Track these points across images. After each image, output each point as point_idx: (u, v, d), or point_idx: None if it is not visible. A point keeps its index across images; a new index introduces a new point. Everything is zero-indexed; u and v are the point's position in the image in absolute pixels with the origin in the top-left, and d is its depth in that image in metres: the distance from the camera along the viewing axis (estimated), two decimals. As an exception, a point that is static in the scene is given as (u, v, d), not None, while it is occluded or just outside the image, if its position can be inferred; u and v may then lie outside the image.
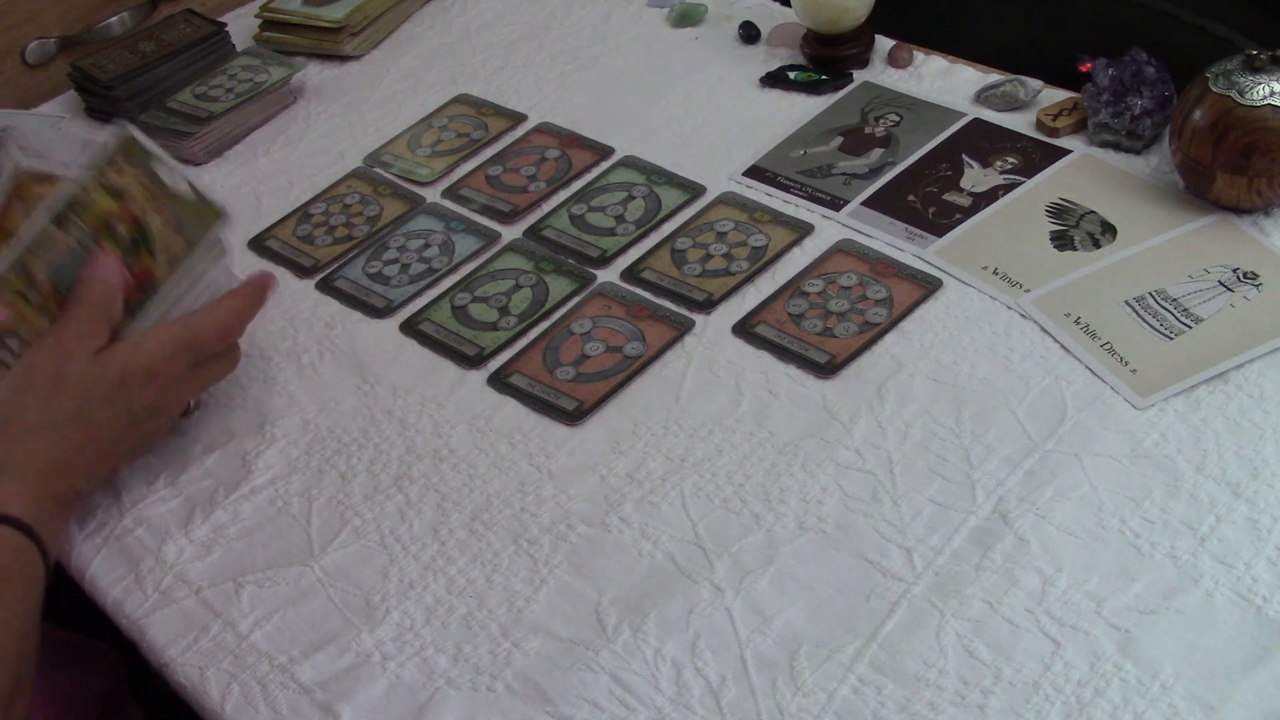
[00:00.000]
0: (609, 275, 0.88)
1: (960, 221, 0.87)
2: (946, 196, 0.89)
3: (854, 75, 1.03)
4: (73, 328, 0.71)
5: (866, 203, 0.90)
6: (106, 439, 0.72)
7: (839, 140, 0.96)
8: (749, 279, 0.86)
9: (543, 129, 1.04)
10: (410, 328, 0.87)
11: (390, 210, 0.98)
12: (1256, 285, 0.78)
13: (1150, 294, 0.79)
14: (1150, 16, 1.11)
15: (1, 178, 0.72)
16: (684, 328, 0.83)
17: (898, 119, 0.97)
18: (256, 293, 0.78)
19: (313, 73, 1.17)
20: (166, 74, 1.14)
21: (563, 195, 0.96)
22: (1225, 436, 0.70)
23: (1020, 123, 0.95)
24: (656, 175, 0.96)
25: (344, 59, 1.18)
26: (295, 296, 0.91)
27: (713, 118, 1.02)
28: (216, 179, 1.05)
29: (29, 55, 1.20)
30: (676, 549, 0.69)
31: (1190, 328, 0.76)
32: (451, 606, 0.68)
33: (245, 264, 0.95)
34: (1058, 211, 0.86)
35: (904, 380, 0.77)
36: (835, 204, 0.91)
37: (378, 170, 1.03)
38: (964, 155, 0.93)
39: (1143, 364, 0.74)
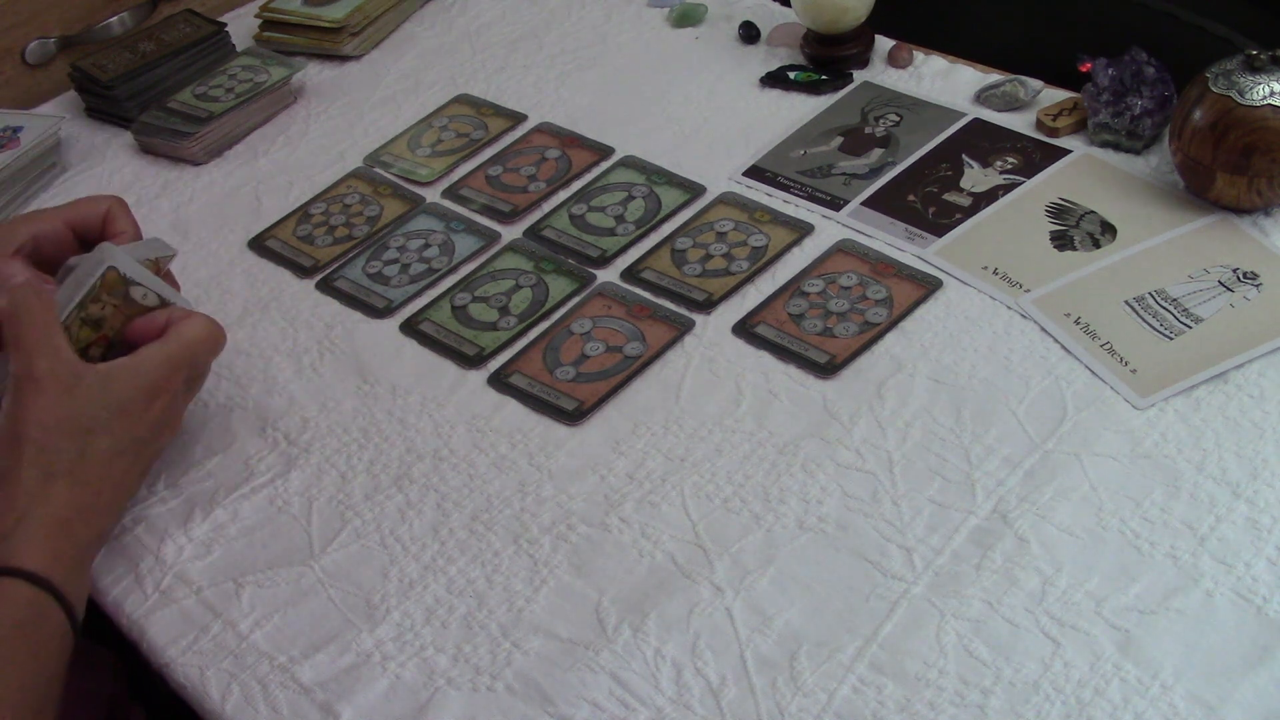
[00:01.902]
0: (609, 275, 0.88)
1: (960, 221, 0.87)
2: (946, 196, 0.89)
3: (854, 75, 1.03)
4: (39, 363, 0.67)
5: (866, 203, 0.90)
6: (119, 470, 0.69)
7: (839, 140, 0.96)
8: (749, 279, 0.86)
9: (543, 129, 1.04)
10: (410, 328, 0.87)
11: (390, 210, 0.98)
12: (1256, 285, 0.78)
13: (1150, 294, 0.79)
14: (1150, 16, 1.11)
15: (81, 273, 0.73)
16: (684, 328, 0.83)
17: (898, 119, 0.97)
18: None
19: (313, 73, 1.17)
20: (166, 74, 1.14)
21: (563, 195, 0.96)
22: (1225, 436, 0.70)
23: (1020, 123, 0.95)
24: (656, 175, 0.96)
25: (344, 59, 1.18)
26: (295, 297, 0.91)
27: (713, 118, 1.02)
28: (216, 179, 1.05)
29: (29, 55, 1.20)
30: (676, 549, 0.69)
31: (1190, 328, 0.76)
32: (451, 606, 0.68)
33: (245, 264, 0.95)
34: (1058, 211, 0.86)
35: (904, 380, 0.77)
36: (835, 204, 0.91)
37: (378, 170, 1.03)
38: (964, 155, 0.93)
39: (1143, 364, 0.75)
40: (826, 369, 0.78)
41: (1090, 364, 0.75)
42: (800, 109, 1.01)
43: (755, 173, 0.95)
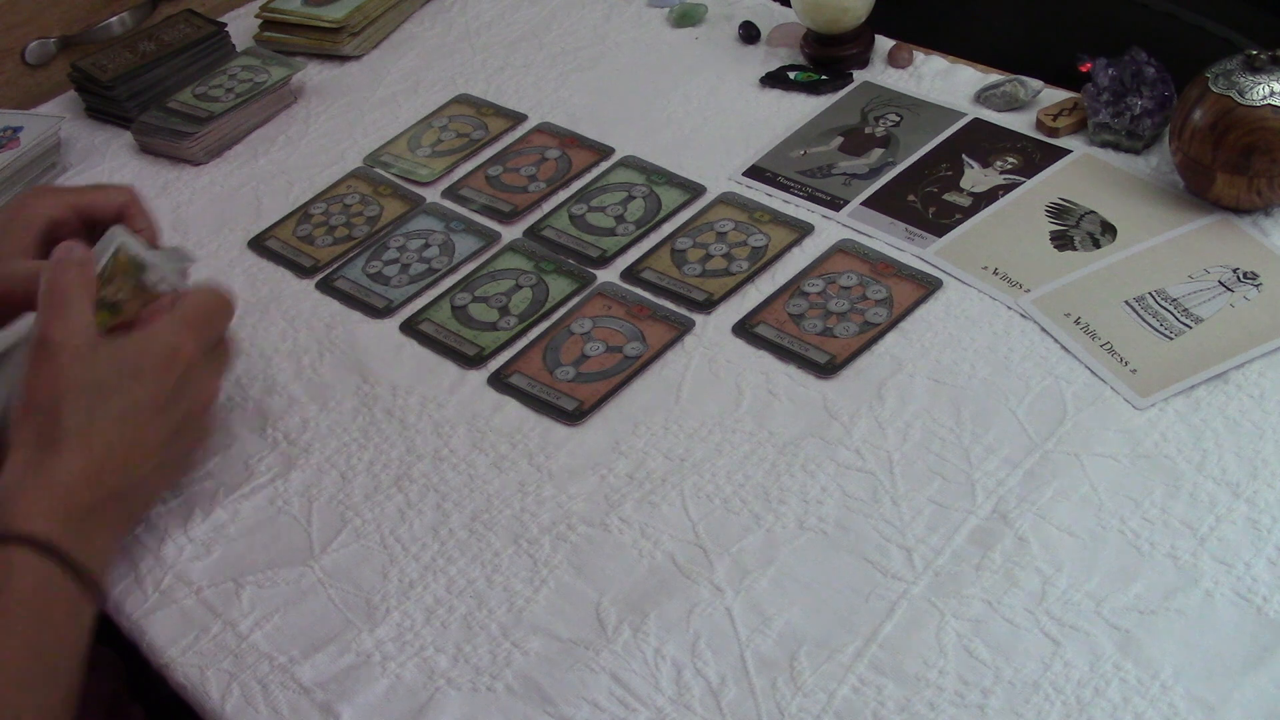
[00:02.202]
0: (609, 275, 0.88)
1: (960, 221, 0.87)
2: (946, 196, 0.89)
3: (854, 75, 1.03)
4: (54, 329, 0.67)
5: (866, 203, 0.90)
6: (132, 430, 0.68)
7: (839, 140, 0.96)
8: (749, 279, 0.86)
9: (543, 129, 1.04)
10: (410, 328, 0.87)
11: (390, 210, 0.98)
12: (1256, 285, 0.78)
13: (1150, 294, 0.79)
14: (1150, 16, 1.11)
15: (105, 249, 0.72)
16: (684, 328, 0.83)
17: (898, 119, 0.97)
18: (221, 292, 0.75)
19: (313, 73, 1.17)
20: (166, 74, 1.14)
21: (563, 195, 0.96)
22: (1225, 436, 0.70)
23: (1020, 123, 0.95)
24: (656, 175, 0.96)
25: (344, 59, 1.18)
26: (295, 296, 0.91)
27: (713, 118, 1.02)
28: (216, 179, 1.05)
29: (29, 55, 1.20)
30: (676, 549, 0.69)
31: (1190, 328, 0.76)
32: (451, 606, 0.68)
33: (245, 264, 0.95)
34: (1058, 211, 0.86)
35: (904, 380, 0.77)
36: (835, 204, 0.91)
37: (378, 170, 1.03)
38: (964, 155, 0.93)
39: (1143, 364, 0.75)
40: (826, 369, 0.78)
41: (1090, 364, 0.75)
42: (800, 109, 1.01)
43: (755, 173, 0.95)
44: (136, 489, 0.70)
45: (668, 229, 0.91)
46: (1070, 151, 0.91)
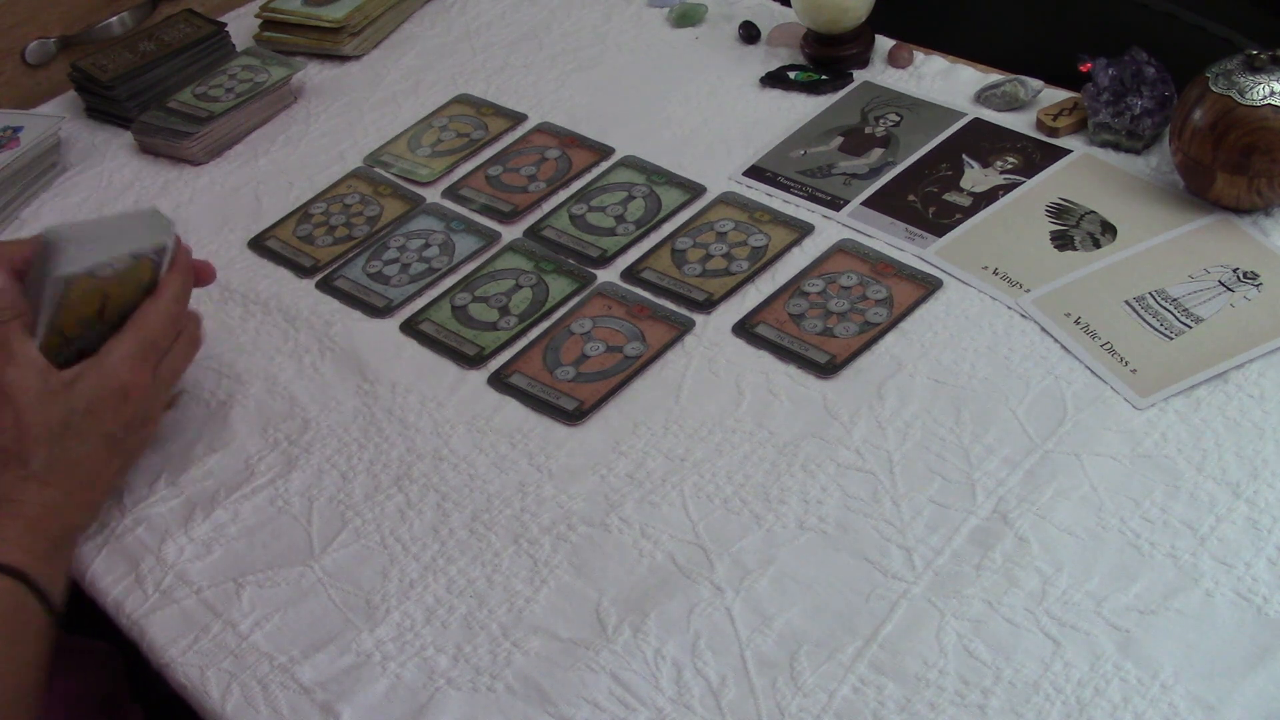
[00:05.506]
0: (609, 275, 0.88)
1: (960, 221, 0.87)
2: (946, 196, 0.89)
3: (854, 75, 1.03)
4: (7, 372, 0.69)
5: (866, 203, 0.90)
6: (91, 469, 0.71)
7: (839, 140, 0.96)
8: (749, 279, 0.86)
9: (543, 129, 1.04)
10: (410, 327, 0.87)
11: (390, 210, 0.98)
12: (1256, 285, 0.78)
13: (1150, 294, 0.79)
14: (1150, 16, 1.11)
15: (47, 294, 0.71)
16: (684, 328, 0.83)
17: (898, 119, 0.97)
18: (185, 270, 0.76)
19: (313, 73, 1.17)
20: (166, 74, 1.14)
21: (563, 195, 0.96)
22: (1225, 436, 0.70)
23: (1020, 123, 0.95)
24: (656, 175, 0.96)
25: (344, 59, 1.18)
26: (295, 296, 0.91)
27: (713, 118, 1.02)
28: (216, 179, 1.05)
29: (29, 55, 1.20)
30: (676, 549, 0.69)
31: (1190, 328, 0.76)
32: (451, 606, 0.68)
33: (245, 264, 0.95)
34: (1058, 211, 0.86)
35: (904, 380, 0.77)
36: (835, 204, 0.91)
37: (378, 170, 1.03)
38: (964, 155, 0.93)
39: (1143, 364, 0.75)
40: (826, 369, 0.78)
41: (1090, 364, 0.75)
42: (800, 109, 1.01)
43: (755, 173, 0.95)
44: (89, 517, 0.74)
45: (668, 229, 0.91)
46: (1070, 151, 0.91)
